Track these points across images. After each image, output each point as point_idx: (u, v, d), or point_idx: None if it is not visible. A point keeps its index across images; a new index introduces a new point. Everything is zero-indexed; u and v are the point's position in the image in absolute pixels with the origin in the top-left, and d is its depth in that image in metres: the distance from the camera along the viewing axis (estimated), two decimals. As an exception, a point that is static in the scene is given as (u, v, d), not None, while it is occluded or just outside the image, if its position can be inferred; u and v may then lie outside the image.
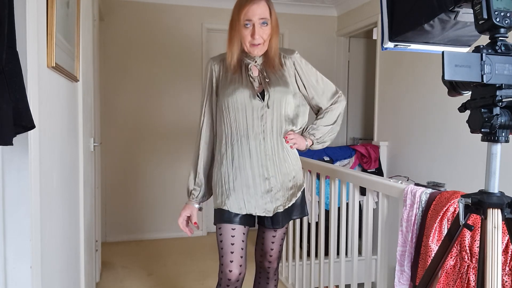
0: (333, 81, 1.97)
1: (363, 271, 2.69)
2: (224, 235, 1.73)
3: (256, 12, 1.64)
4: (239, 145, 1.73)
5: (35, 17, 1.21)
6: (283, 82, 1.77)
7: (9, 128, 0.92)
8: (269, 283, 1.97)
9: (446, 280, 1.42)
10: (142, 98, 4.22)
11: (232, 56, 1.73)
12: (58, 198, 1.60)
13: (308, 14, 4.57)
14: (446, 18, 1.02)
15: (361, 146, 3.81)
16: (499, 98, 0.91)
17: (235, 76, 1.74)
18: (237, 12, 1.68)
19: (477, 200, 0.99)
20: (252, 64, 1.77)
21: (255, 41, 1.68)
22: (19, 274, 1.17)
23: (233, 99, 1.71)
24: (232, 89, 1.72)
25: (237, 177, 1.73)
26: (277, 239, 1.87)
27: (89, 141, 2.47)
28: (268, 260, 1.90)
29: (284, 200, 1.77)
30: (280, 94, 1.73)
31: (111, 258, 3.67)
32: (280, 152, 1.76)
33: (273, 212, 1.75)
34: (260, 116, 1.71)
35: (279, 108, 1.73)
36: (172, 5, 4.21)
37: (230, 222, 1.73)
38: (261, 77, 1.75)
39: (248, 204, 1.73)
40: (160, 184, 4.30)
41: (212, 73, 1.81)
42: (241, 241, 1.73)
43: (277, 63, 1.78)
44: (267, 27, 1.69)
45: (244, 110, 1.71)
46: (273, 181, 1.74)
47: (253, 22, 1.66)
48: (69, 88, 1.86)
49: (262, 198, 1.73)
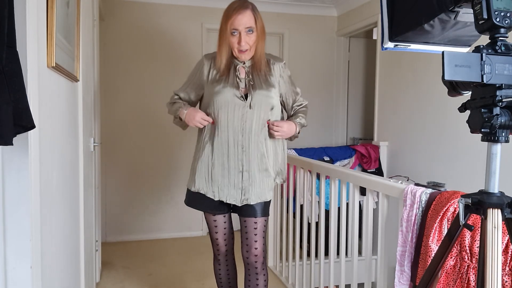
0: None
1: (363, 271, 2.69)
2: (208, 220, 2.10)
3: (241, 22, 1.82)
4: (220, 138, 1.93)
5: (35, 17, 1.21)
6: (267, 85, 1.94)
7: (9, 128, 0.92)
8: (258, 278, 2.03)
9: (446, 280, 1.42)
10: (142, 98, 4.22)
11: (221, 60, 1.91)
12: (58, 198, 1.60)
13: (308, 14, 4.57)
14: (446, 18, 1.02)
15: (361, 146, 3.81)
16: (499, 98, 0.91)
17: (224, 76, 1.92)
18: (225, 22, 1.85)
19: (477, 200, 0.99)
20: (240, 65, 1.94)
21: (242, 47, 1.86)
22: (19, 274, 1.17)
23: (218, 97, 1.90)
24: (220, 87, 1.90)
25: (215, 166, 1.95)
26: (259, 231, 2.02)
27: (89, 141, 2.47)
28: (254, 254, 2.01)
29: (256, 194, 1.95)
30: (262, 96, 1.91)
31: (111, 258, 3.67)
32: (258, 149, 1.93)
33: (241, 203, 1.96)
34: (240, 116, 1.90)
35: (260, 109, 1.91)
36: (172, 5, 4.21)
37: (211, 210, 2.04)
38: (247, 79, 1.93)
39: (221, 192, 1.96)
40: (160, 184, 4.30)
41: (202, 68, 2.00)
42: (223, 223, 2.08)
43: (264, 66, 1.95)
44: (253, 34, 1.86)
45: (226, 107, 1.90)
46: (245, 175, 1.93)
47: (239, 31, 1.83)
48: (69, 88, 1.86)
49: (234, 188, 1.95)
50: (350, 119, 4.86)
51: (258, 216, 1.99)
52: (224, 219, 2.08)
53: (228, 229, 2.10)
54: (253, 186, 1.95)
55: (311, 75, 4.58)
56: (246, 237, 2.02)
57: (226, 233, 2.10)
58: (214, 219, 2.07)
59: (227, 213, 2.08)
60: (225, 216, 2.08)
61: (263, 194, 1.98)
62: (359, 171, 2.81)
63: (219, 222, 2.07)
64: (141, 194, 4.28)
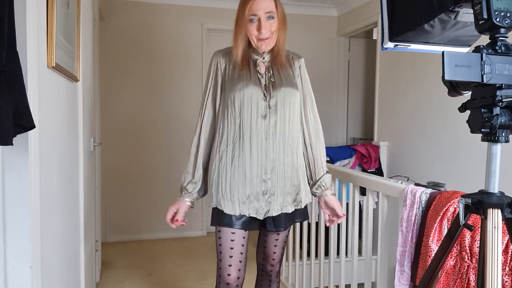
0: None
1: (363, 271, 2.69)
2: (223, 238, 1.69)
3: (261, 6, 1.59)
4: (241, 143, 1.66)
5: (35, 17, 1.21)
6: (290, 82, 1.72)
7: (9, 128, 0.92)
8: (271, 285, 1.95)
9: (446, 280, 1.42)
10: (142, 98, 4.22)
11: (237, 52, 1.67)
12: (58, 198, 1.60)
13: (308, 14, 4.57)
14: (446, 18, 1.02)
15: (361, 146, 3.81)
16: (499, 98, 0.91)
17: (243, 71, 1.68)
18: (242, 7, 1.63)
19: (477, 200, 0.99)
20: (260, 60, 1.71)
21: (262, 35, 1.62)
22: (19, 274, 1.17)
23: (241, 95, 1.65)
24: (242, 85, 1.65)
25: (234, 176, 1.66)
26: (280, 242, 1.83)
27: (89, 141, 2.47)
28: (270, 264, 1.87)
29: (278, 205, 1.70)
30: (284, 94, 1.68)
31: (111, 258, 3.67)
32: (281, 155, 1.68)
33: (264, 216, 1.68)
34: (263, 116, 1.66)
35: (283, 109, 1.68)
36: (172, 5, 4.21)
37: (230, 226, 1.67)
38: (267, 75, 1.70)
39: (243, 205, 1.66)
40: (160, 184, 4.30)
41: (217, 67, 1.75)
42: (240, 245, 1.69)
43: (285, 60, 1.74)
44: (274, 20, 1.63)
45: (249, 107, 1.65)
46: (269, 184, 1.67)
47: (259, 16, 1.60)
48: (69, 88, 1.86)
49: (257, 199, 1.67)
50: (350, 119, 4.86)
51: (281, 229, 1.74)
52: (243, 234, 1.71)
53: (244, 255, 1.71)
54: (276, 196, 1.69)
55: (311, 75, 4.52)
56: (265, 245, 1.85)
57: (242, 260, 1.70)
58: (232, 231, 1.68)
59: (247, 231, 1.72)
60: (245, 234, 1.71)
61: (288, 204, 1.73)
62: (359, 171, 2.81)
63: (236, 242, 1.68)
64: (141, 194, 4.28)
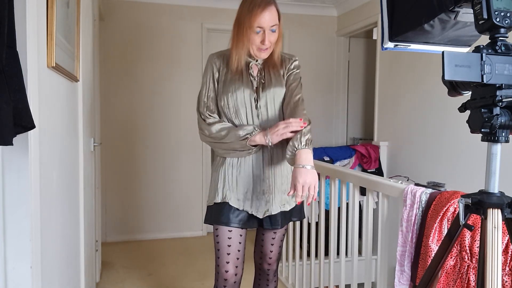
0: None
1: (363, 271, 2.69)
2: (221, 236, 1.74)
3: (267, 19, 1.66)
4: None
5: (35, 17, 1.21)
6: (279, 82, 1.78)
7: (9, 128, 0.92)
8: (269, 284, 1.96)
9: (446, 280, 1.42)
10: (142, 98, 4.22)
11: (239, 59, 1.73)
12: (58, 198, 1.60)
13: (308, 14, 4.57)
14: (446, 18, 1.02)
15: (361, 146, 3.81)
16: (499, 98, 0.91)
17: (237, 75, 1.75)
18: (249, 18, 1.66)
19: (477, 200, 0.99)
20: (253, 63, 1.79)
21: (264, 46, 1.70)
22: (19, 274, 1.17)
23: (233, 98, 1.72)
24: (234, 87, 1.73)
25: (240, 172, 1.74)
26: (277, 241, 1.87)
27: (89, 141, 2.47)
28: (267, 262, 1.91)
29: (277, 203, 1.75)
30: (274, 94, 1.75)
31: (111, 258, 3.67)
32: (275, 154, 1.75)
33: (263, 215, 1.74)
34: (257, 116, 1.74)
35: (273, 109, 1.76)
36: (172, 5, 4.21)
37: (227, 224, 1.73)
38: (258, 77, 1.78)
39: (247, 202, 1.74)
40: (160, 184, 4.30)
41: (213, 68, 1.80)
42: (237, 243, 1.74)
43: (277, 61, 1.80)
44: (276, 32, 1.72)
45: (244, 109, 1.74)
46: (266, 183, 1.74)
47: (264, 28, 1.67)
48: (69, 88, 1.86)
49: (257, 198, 1.74)
50: (350, 119, 4.86)
51: (278, 227, 1.79)
52: (241, 232, 1.75)
53: (241, 252, 1.77)
54: (274, 194, 1.75)
55: (311, 75, 4.57)
56: (262, 244, 1.89)
57: (239, 257, 1.75)
58: (229, 229, 1.72)
59: (244, 229, 1.77)
60: (242, 232, 1.76)
61: (285, 202, 1.78)
62: (359, 171, 2.81)
63: (233, 240, 1.73)
64: (141, 194, 4.28)
